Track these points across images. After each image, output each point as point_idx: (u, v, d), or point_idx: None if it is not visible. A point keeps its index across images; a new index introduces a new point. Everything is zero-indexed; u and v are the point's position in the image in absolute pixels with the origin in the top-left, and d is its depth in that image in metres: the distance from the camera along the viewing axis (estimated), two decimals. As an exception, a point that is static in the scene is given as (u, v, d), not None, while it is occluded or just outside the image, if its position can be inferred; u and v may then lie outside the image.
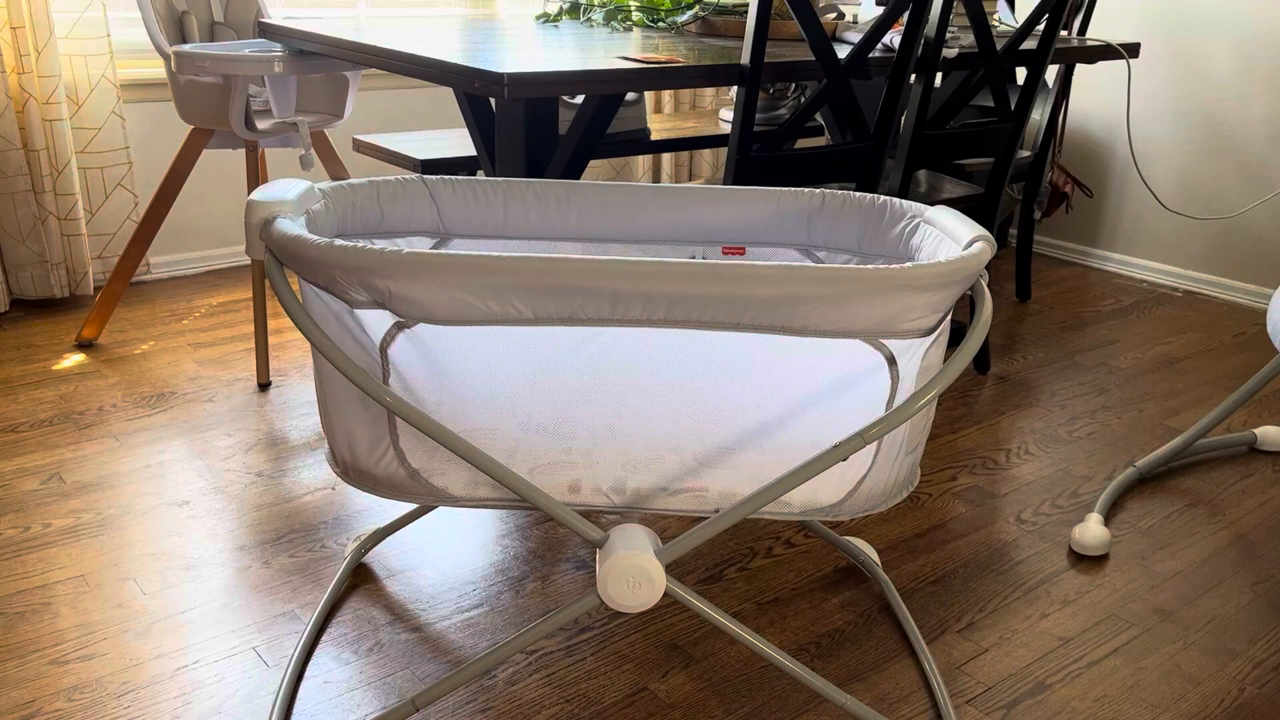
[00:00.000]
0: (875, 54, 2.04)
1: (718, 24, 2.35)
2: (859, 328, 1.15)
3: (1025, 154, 2.94)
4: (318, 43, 1.97)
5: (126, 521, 1.82)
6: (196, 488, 1.93)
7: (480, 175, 2.06)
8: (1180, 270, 3.37)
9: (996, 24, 2.79)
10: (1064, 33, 2.97)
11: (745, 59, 1.79)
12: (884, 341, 1.17)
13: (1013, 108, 2.33)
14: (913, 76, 2.08)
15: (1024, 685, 1.50)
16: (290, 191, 1.27)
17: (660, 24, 2.44)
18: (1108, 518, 1.95)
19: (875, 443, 1.24)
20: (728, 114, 2.93)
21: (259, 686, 1.44)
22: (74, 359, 2.47)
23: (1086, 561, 1.81)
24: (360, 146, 2.59)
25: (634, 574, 1.22)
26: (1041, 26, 2.44)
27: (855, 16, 2.51)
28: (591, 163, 3.69)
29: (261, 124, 2.39)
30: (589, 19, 2.49)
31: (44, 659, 1.47)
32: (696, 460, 1.25)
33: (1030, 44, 2.41)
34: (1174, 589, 1.74)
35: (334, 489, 1.95)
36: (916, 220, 1.44)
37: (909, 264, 1.14)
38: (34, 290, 2.76)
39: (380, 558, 1.74)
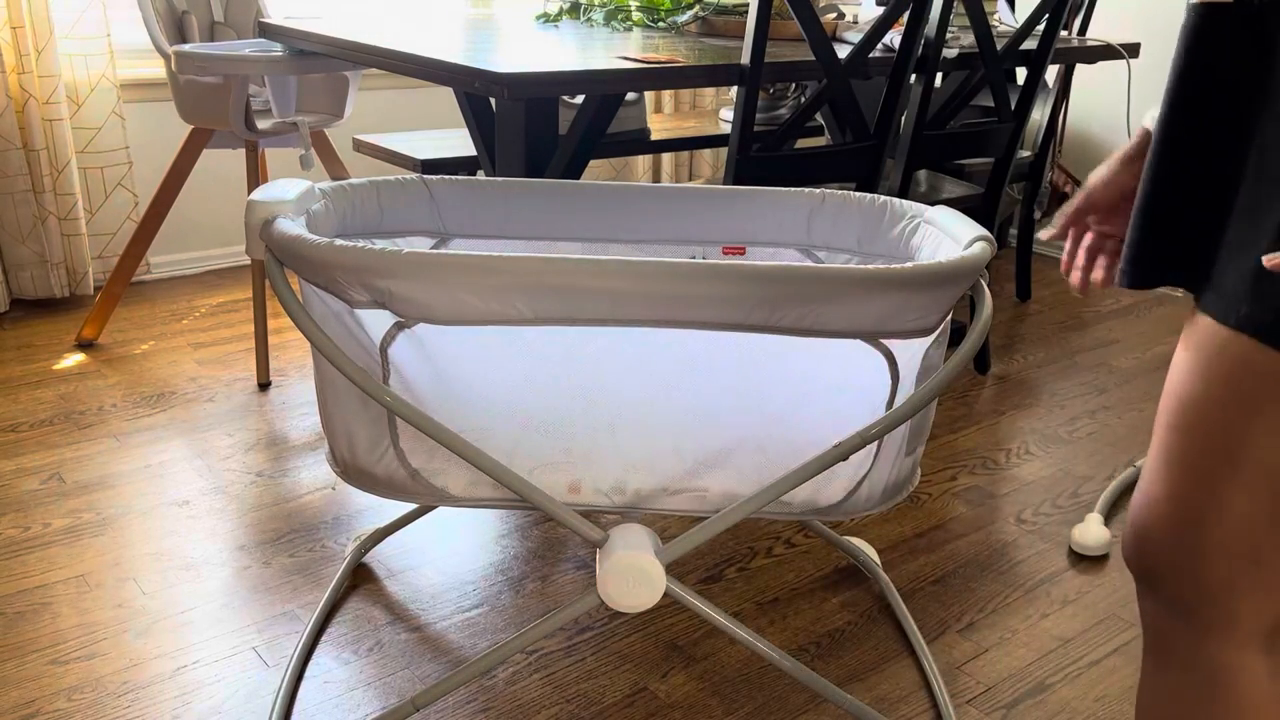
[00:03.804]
0: (875, 54, 2.04)
1: (718, 24, 2.35)
2: (859, 328, 1.15)
3: (1025, 154, 2.94)
4: (318, 43, 1.97)
5: (126, 521, 1.82)
6: (196, 488, 1.93)
7: (480, 175, 2.06)
8: (1180, 270, 3.36)
9: (997, 24, 2.79)
10: (1064, 33, 2.97)
11: (745, 59, 1.79)
12: (884, 341, 1.17)
13: (1013, 108, 2.33)
14: (913, 76, 2.08)
15: (1024, 685, 1.50)
16: (290, 191, 1.27)
17: (660, 24, 2.44)
18: (1108, 518, 1.95)
19: (875, 443, 1.24)
20: (728, 114, 2.93)
21: (259, 686, 1.44)
22: (74, 359, 2.47)
23: (1086, 561, 1.81)
24: (360, 146, 2.59)
25: (634, 574, 1.22)
26: (1041, 26, 2.44)
27: (855, 16, 2.51)
28: (591, 163, 3.69)
29: (261, 124, 2.39)
30: (589, 19, 2.49)
31: (44, 659, 1.47)
32: (697, 460, 1.25)
33: (1030, 44, 2.41)
34: (1174, 589, 1.74)
35: (334, 489, 1.95)
36: (917, 220, 1.44)
37: (909, 264, 1.14)
38: (34, 290, 2.76)
39: (380, 558, 1.74)
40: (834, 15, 2.42)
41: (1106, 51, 2.63)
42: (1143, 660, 0.92)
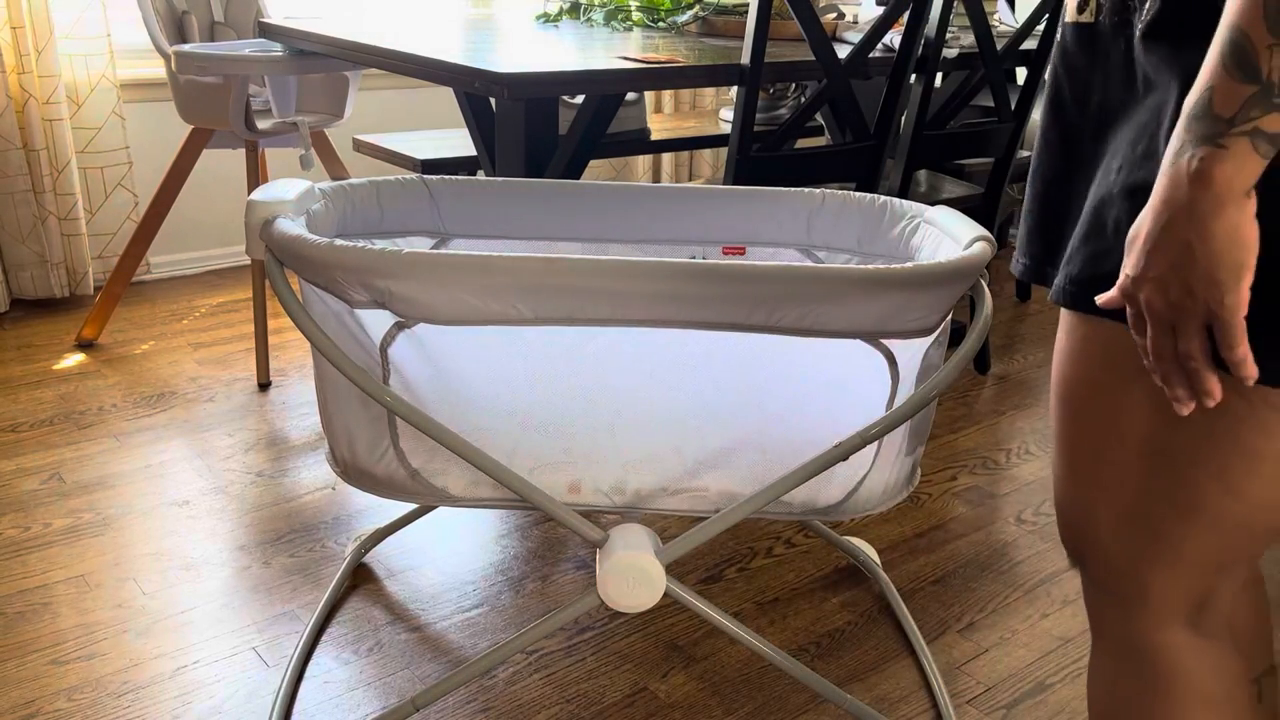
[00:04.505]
0: (875, 54, 2.04)
1: (718, 24, 2.35)
2: (859, 328, 1.15)
3: (1025, 154, 2.94)
4: (318, 43, 1.97)
5: (126, 521, 1.82)
6: (196, 488, 1.93)
7: (480, 175, 2.06)
8: (1180, 270, 3.36)
9: (996, 24, 2.79)
10: (1064, 33, 2.97)
11: (745, 59, 1.79)
12: (884, 341, 1.17)
13: (1013, 108, 2.33)
14: (913, 76, 2.08)
15: (1024, 685, 1.50)
16: (290, 191, 1.27)
17: (660, 24, 2.44)
18: (1108, 518, 1.95)
19: (875, 443, 1.24)
20: (728, 114, 2.93)
21: (259, 686, 1.44)
22: (74, 359, 2.47)
23: (1086, 561, 1.81)
24: (360, 146, 2.59)
25: (634, 574, 1.22)
26: (1041, 26, 2.44)
27: (855, 16, 2.51)
28: (591, 163, 3.69)
29: (261, 124, 2.39)
30: (589, 19, 2.49)
31: (44, 659, 1.47)
32: (697, 460, 1.25)
33: (1030, 44, 2.41)
34: (1174, 589, 1.74)
35: (334, 489, 1.95)
36: (917, 220, 1.44)
37: (909, 264, 1.14)
38: (34, 290, 2.76)
39: (380, 558, 1.74)
40: (834, 15, 2.42)
41: (1106, 51, 2.62)
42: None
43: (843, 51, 2.00)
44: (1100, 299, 0.73)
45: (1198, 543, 0.80)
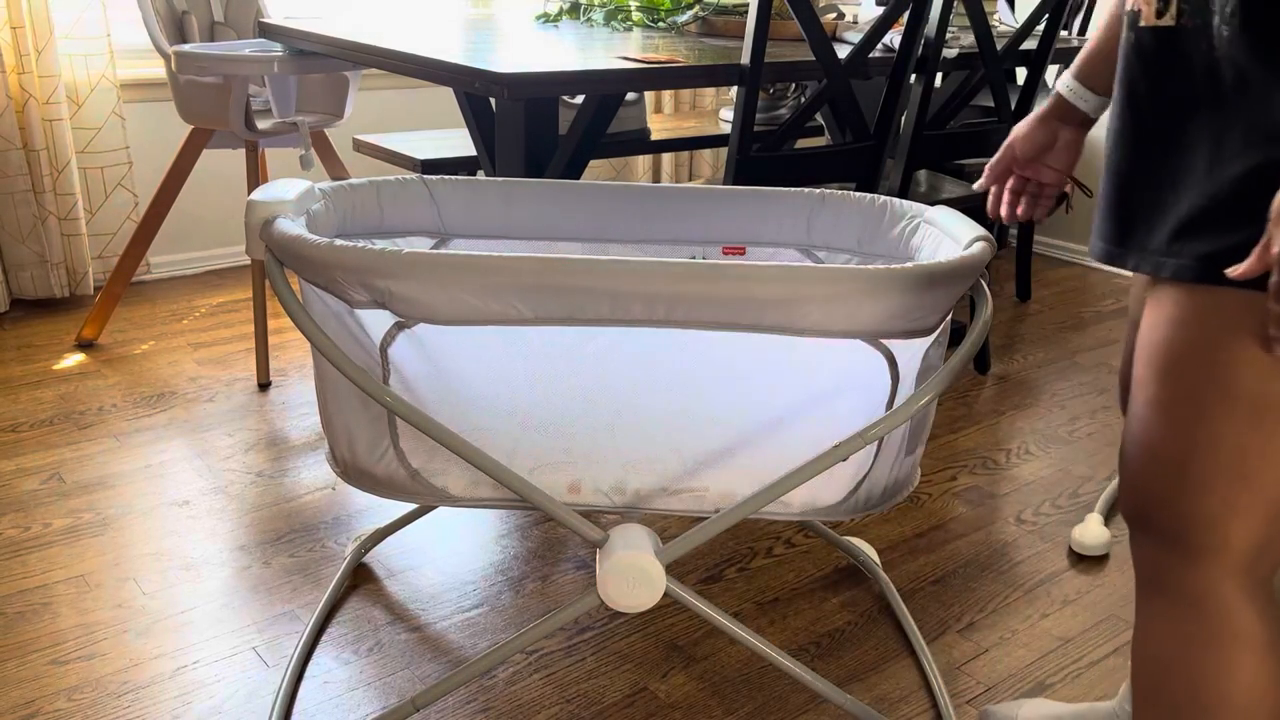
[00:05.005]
0: (875, 54, 2.04)
1: (718, 24, 2.35)
2: (859, 328, 1.15)
3: (1025, 154, 2.93)
4: (318, 43, 1.97)
5: (126, 521, 1.82)
6: (196, 488, 1.93)
7: (480, 175, 2.06)
8: (1180, 270, 3.35)
9: (996, 24, 2.79)
10: (1064, 33, 2.97)
11: (745, 59, 1.79)
12: (884, 341, 1.17)
13: (1013, 108, 2.33)
14: (913, 76, 2.08)
15: (1024, 685, 1.50)
16: (290, 191, 1.27)
17: (660, 24, 2.44)
18: (1108, 518, 1.95)
19: (875, 443, 1.24)
20: (728, 114, 2.93)
21: (259, 686, 1.44)
22: (74, 359, 2.47)
23: (1086, 561, 1.81)
24: (360, 146, 2.59)
25: (634, 574, 1.22)
26: (1041, 26, 2.44)
27: (855, 16, 2.51)
28: (591, 163, 3.69)
29: (261, 124, 2.39)
30: (589, 19, 2.49)
31: (44, 659, 1.47)
32: (696, 460, 1.25)
33: (1030, 44, 2.41)
34: (1174, 589, 1.74)
35: (334, 489, 1.95)
36: (917, 220, 1.44)
37: (909, 264, 1.14)
38: (34, 290, 2.76)
39: (380, 558, 1.74)
40: (834, 15, 2.42)
41: (1106, 51, 2.62)
42: (1136, 607, 1.00)
43: (843, 51, 2.00)
44: (1235, 271, 0.80)
45: None
